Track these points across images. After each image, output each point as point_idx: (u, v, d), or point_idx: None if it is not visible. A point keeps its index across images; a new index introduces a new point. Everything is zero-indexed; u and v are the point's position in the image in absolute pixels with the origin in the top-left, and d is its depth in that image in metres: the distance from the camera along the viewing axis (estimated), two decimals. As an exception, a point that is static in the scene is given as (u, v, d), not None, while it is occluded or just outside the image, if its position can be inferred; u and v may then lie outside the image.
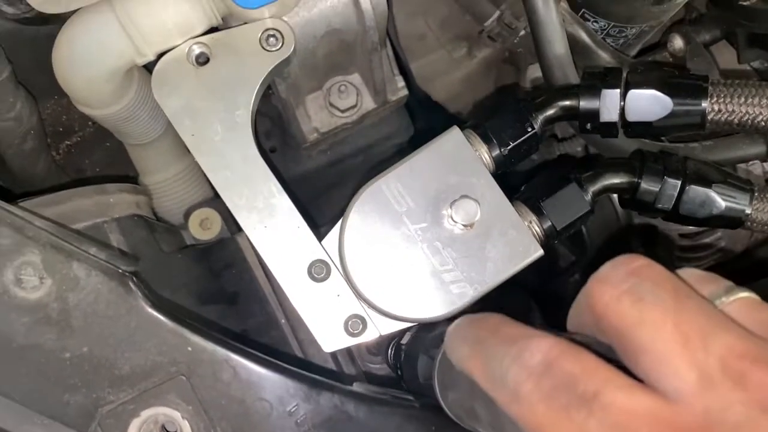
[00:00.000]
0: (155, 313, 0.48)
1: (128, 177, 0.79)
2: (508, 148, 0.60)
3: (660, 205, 0.60)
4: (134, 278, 0.48)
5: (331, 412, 0.49)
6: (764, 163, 0.70)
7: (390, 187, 0.59)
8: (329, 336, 0.62)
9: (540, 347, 0.34)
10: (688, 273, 0.36)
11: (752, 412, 0.30)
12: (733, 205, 0.60)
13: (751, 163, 0.72)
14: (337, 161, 0.89)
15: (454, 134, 0.59)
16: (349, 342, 0.62)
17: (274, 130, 0.88)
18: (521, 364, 0.34)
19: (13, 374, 0.47)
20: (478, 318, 0.40)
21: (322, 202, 0.90)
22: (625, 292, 0.34)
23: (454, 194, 0.58)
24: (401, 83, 0.82)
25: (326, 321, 0.62)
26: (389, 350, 0.67)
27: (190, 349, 0.48)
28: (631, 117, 0.59)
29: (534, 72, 0.85)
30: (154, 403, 0.48)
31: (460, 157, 0.59)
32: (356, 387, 0.52)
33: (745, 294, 0.35)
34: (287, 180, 0.80)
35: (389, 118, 0.88)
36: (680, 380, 0.31)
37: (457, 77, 0.93)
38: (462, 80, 0.93)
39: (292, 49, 0.65)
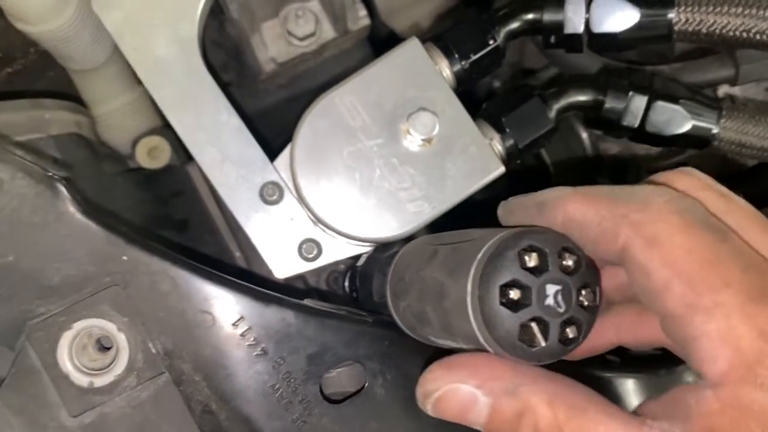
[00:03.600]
0: (87, 220, 0.45)
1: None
2: (469, 61, 0.57)
3: (626, 123, 0.58)
4: (64, 182, 0.44)
5: (279, 326, 0.47)
6: (732, 87, 0.68)
7: (344, 100, 0.56)
8: (282, 261, 0.59)
9: None
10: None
11: None
12: (701, 123, 0.58)
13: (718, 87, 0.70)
14: (296, 97, 0.85)
15: (413, 45, 0.56)
16: (304, 267, 0.60)
17: (230, 63, 0.84)
18: None
19: (-69, 285, 0.43)
20: None
21: (280, 141, 0.87)
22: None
23: (411, 108, 0.55)
24: (363, 12, 0.78)
25: (279, 246, 0.59)
26: (344, 281, 0.65)
27: (125, 258, 0.45)
28: (596, 28, 0.56)
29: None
30: (86, 314, 0.44)
31: (418, 70, 0.56)
32: (306, 302, 0.49)
33: None
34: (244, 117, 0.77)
35: (351, 52, 0.84)
36: None
37: (424, 11, 0.89)
38: (428, 15, 0.90)
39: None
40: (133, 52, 0.59)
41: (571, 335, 0.36)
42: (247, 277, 0.48)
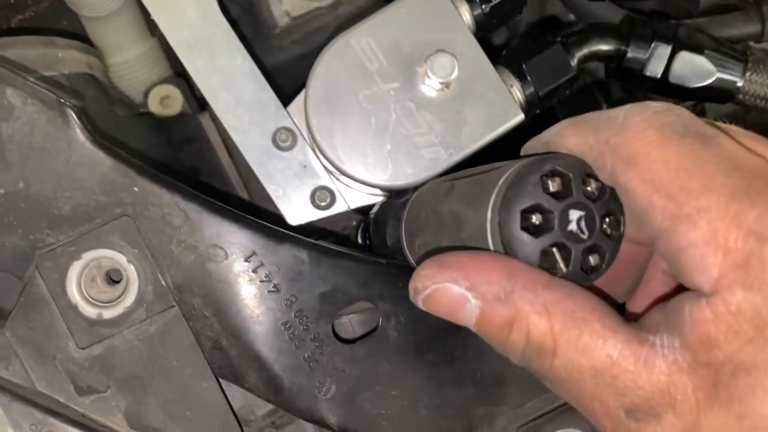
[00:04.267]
0: (98, 150, 0.44)
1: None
2: (490, 5, 0.55)
3: (648, 73, 0.57)
4: (76, 110, 0.44)
5: (292, 263, 0.46)
6: (758, 45, 0.66)
7: (360, 41, 0.55)
8: (295, 209, 0.59)
9: None
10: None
11: None
12: (725, 76, 0.57)
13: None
14: (310, 53, 0.84)
15: (432, -13, 0.55)
16: (317, 215, 0.59)
17: (244, 17, 0.83)
18: None
19: (-60, 210, 0.43)
20: None
21: (293, 97, 0.86)
22: None
23: (430, 51, 0.54)
24: (379, -34, 0.77)
25: (291, 193, 0.59)
26: (357, 234, 0.64)
27: (136, 189, 0.44)
28: (621, -27, 0.55)
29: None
30: (96, 245, 0.44)
31: (438, 12, 0.55)
32: (320, 242, 0.48)
33: None
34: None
35: (367, 8, 0.83)
36: None
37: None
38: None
39: None
40: (147, -7, 0.58)
41: (593, 263, 0.35)
42: (260, 215, 0.47)
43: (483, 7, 0.55)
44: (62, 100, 0.44)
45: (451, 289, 0.35)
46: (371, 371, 0.47)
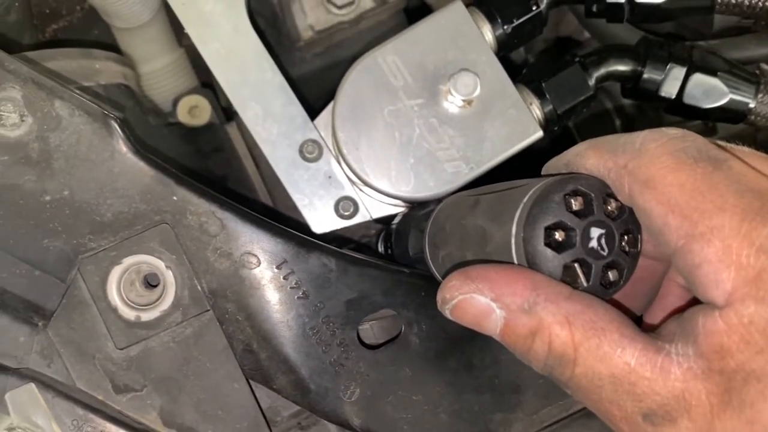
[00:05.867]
0: (140, 160, 0.46)
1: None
2: (512, 26, 0.58)
3: (663, 93, 0.59)
4: (119, 122, 0.46)
5: (320, 271, 0.48)
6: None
7: (387, 59, 0.57)
8: (320, 218, 0.61)
9: None
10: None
11: None
12: (738, 97, 0.59)
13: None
14: (332, 66, 0.87)
15: (457, 7, 0.57)
16: (340, 224, 0.61)
17: (268, 31, 0.85)
18: None
19: (-10, 215, 0.45)
20: None
21: (315, 108, 0.88)
22: None
23: (453, 70, 0.56)
24: (402, -18, 0.80)
25: (317, 202, 0.61)
26: (378, 243, 0.66)
27: (175, 198, 0.46)
28: (639, -3, 0.57)
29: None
30: (136, 250, 0.46)
31: (461, 33, 0.57)
32: (347, 251, 0.50)
33: None
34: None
35: (387, 23, 0.85)
36: None
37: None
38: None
39: None
40: (181, 7, 0.60)
41: (612, 278, 0.37)
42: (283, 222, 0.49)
43: (505, 27, 0.58)
44: (107, 112, 0.46)
45: (477, 300, 0.37)
46: (394, 376, 0.49)
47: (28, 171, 0.45)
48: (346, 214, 0.61)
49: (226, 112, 0.74)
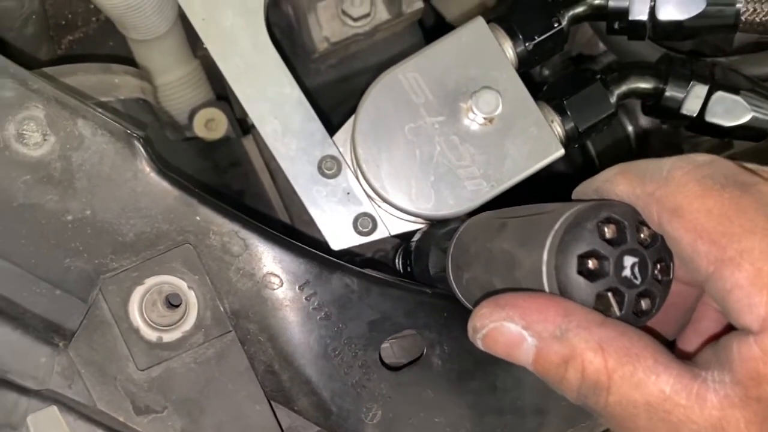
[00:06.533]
0: (162, 180, 0.46)
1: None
2: (533, 43, 0.57)
3: (685, 111, 0.58)
4: (142, 141, 0.46)
5: (342, 292, 0.48)
6: (790, 83, 0.68)
7: (407, 76, 0.57)
8: (338, 234, 0.60)
9: None
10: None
11: None
12: (760, 115, 0.58)
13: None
14: (346, 77, 0.86)
15: (478, 25, 0.57)
16: (358, 241, 0.61)
17: (283, 42, 0.85)
18: None
19: (13, 235, 0.45)
20: None
21: (330, 119, 0.88)
22: None
23: (474, 87, 0.56)
24: (417, -6, 0.79)
25: (335, 218, 0.60)
26: (396, 258, 0.65)
27: (198, 218, 0.46)
28: (661, 15, 0.56)
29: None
30: (158, 271, 0.45)
31: (482, 50, 0.57)
32: (367, 271, 0.50)
33: None
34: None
35: (402, 35, 0.85)
36: None
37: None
38: (478, 3, 0.90)
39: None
40: (200, 23, 0.60)
41: (644, 307, 0.36)
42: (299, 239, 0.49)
43: (526, 44, 0.57)
44: (129, 132, 0.46)
45: (508, 328, 0.37)
46: (416, 398, 0.48)
47: (51, 190, 0.45)
48: (365, 230, 0.60)
49: (242, 124, 0.74)
